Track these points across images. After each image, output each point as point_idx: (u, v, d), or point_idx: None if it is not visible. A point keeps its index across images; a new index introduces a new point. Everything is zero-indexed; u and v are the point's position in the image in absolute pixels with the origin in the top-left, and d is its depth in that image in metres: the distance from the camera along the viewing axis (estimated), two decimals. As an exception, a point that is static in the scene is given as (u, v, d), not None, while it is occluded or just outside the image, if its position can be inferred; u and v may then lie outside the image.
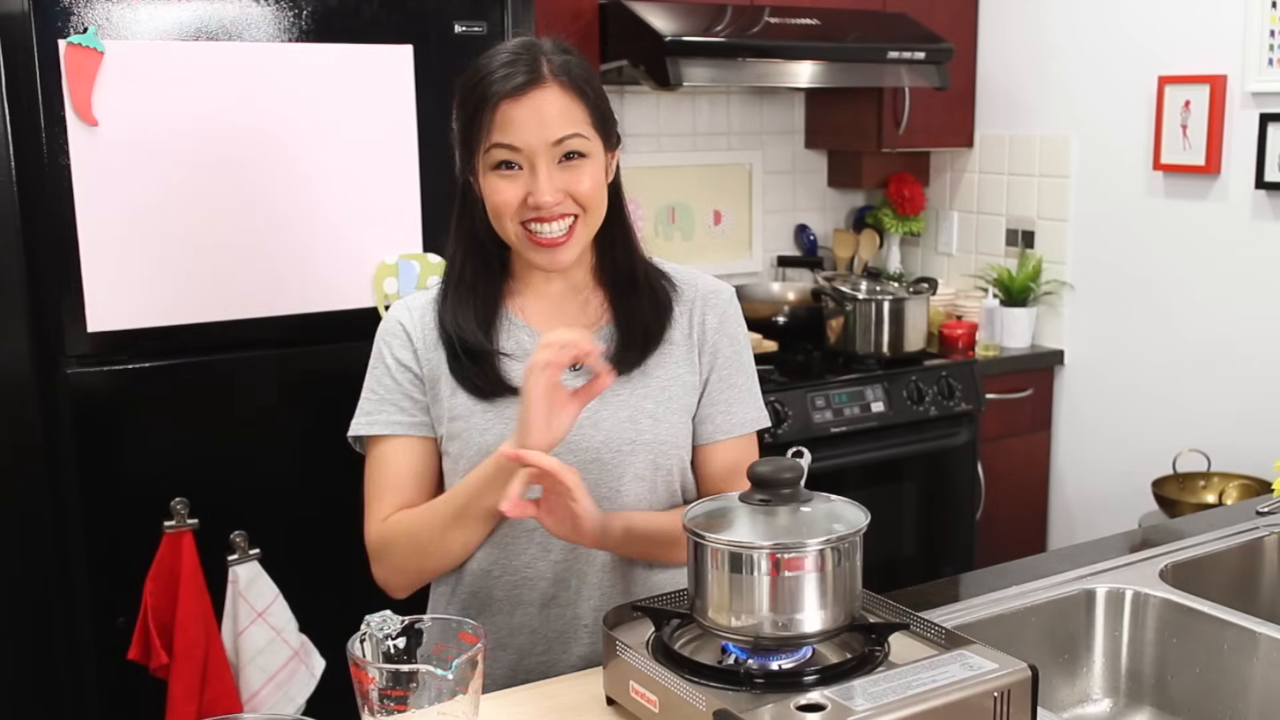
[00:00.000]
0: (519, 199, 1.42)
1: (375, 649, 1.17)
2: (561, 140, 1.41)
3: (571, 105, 1.42)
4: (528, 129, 1.40)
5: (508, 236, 1.46)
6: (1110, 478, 3.47)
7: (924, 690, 1.12)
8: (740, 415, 1.57)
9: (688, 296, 1.57)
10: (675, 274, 1.59)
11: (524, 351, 1.50)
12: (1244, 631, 1.49)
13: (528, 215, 1.43)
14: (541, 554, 1.51)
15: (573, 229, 1.45)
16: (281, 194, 2.28)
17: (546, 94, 1.41)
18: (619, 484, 1.50)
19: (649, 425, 1.50)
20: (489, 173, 1.43)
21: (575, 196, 1.43)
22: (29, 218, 2.17)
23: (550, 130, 1.41)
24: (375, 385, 1.53)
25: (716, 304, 1.58)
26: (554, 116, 1.41)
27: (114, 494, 2.21)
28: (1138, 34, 3.28)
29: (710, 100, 3.67)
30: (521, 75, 1.40)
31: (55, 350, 2.17)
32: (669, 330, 1.54)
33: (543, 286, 1.54)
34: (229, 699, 2.22)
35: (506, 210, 1.43)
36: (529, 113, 1.40)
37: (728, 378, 1.57)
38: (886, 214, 3.85)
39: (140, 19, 2.13)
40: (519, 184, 1.42)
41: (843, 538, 1.20)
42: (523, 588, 1.51)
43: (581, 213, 1.44)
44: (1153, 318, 3.33)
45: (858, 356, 3.32)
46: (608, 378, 1.39)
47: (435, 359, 1.51)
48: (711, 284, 1.60)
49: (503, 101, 1.40)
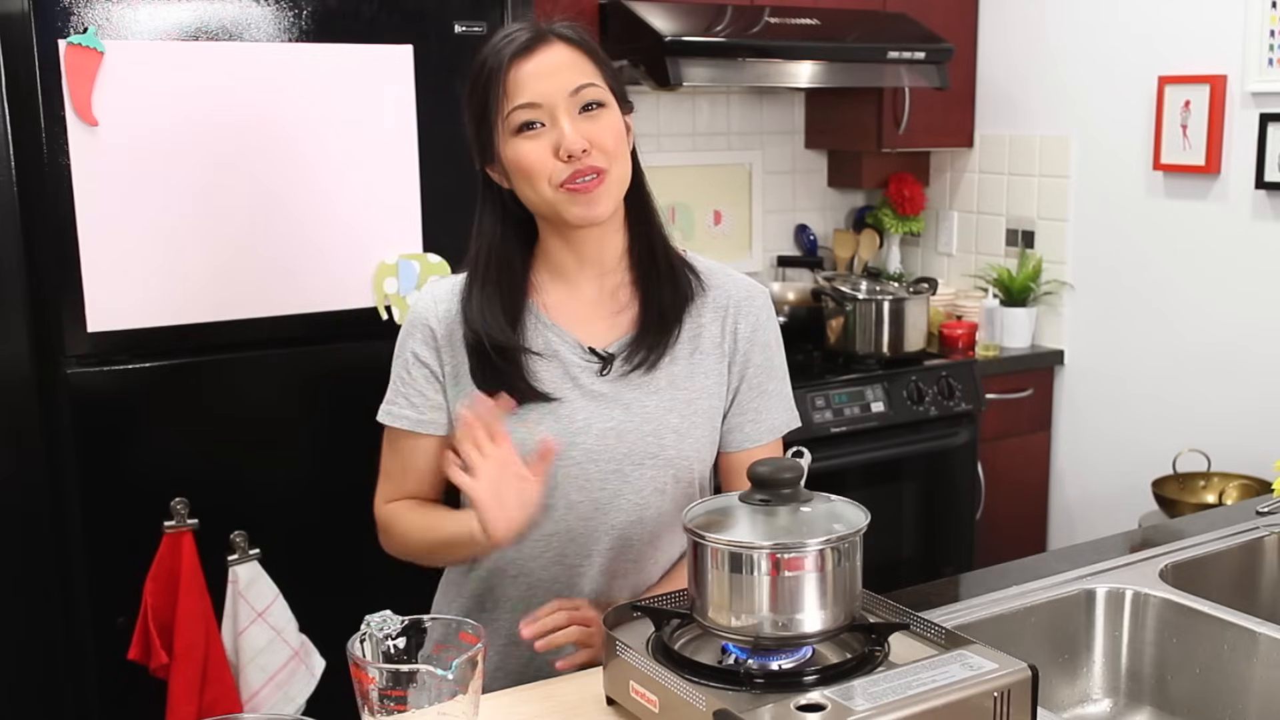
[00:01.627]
0: (549, 154, 1.39)
1: (375, 649, 1.17)
2: (578, 90, 1.40)
3: (580, 59, 1.42)
4: (542, 81, 1.39)
5: (544, 198, 1.42)
6: (1110, 478, 3.47)
7: (924, 690, 1.12)
8: (769, 422, 1.56)
9: (720, 302, 1.54)
10: (707, 273, 1.55)
11: (552, 351, 1.48)
12: (1244, 631, 1.49)
13: (562, 174, 1.40)
14: (557, 559, 1.51)
15: (601, 177, 1.41)
16: (281, 194, 2.28)
17: (554, 48, 1.41)
18: (639, 496, 1.49)
19: (673, 440, 1.48)
20: (512, 139, 1.41)
21: (600, 148, 1.40)
22: (29, 218, 2.17)
23: (564, 79, 1.40)
24: (395, 376, 1.54)
25: (750, 311, 1.54)
26: (565, 67, 1.40)
27: (114, 494, 2.21)
28: (1138, 34, 3.28)
29: (710, 100, 3.67)
30: (527, 34, 1.41)
31: (55, 350, 2.17)
32: (700, 339, 1.52)
33: (575, 278, 1.51)
34: (229, 699, 2.22)
35: (540, 169, 1.40)
36: (541, 67, 1.39)
37: (759, 385, 1.55)
38: (886, 214, 3.85)
39: (140, 19, 2.13)
40: (545, 141, 1.40)
41: (843, 538, 1.20)
42: (536, 589, 1.52)
43: (608, 166, 1.41)
44: (1153, 318, 3.33)
45: (858, 356, 3.32)
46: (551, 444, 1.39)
47: (459, 357, 1.49)
48: (745, 289, 1.56)
49: (513, 61, 1.39)
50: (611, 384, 1.48)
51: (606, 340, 1.50)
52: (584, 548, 1.50)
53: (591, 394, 1.47)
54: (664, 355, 1.49)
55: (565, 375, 1.48)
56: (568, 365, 1.48)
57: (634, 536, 1.51)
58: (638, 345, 1.48)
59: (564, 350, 1.48)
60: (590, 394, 1.47)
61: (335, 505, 2.37)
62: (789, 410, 1.59)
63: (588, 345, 1.49)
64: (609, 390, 1.48)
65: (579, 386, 1.48)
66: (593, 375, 1.48)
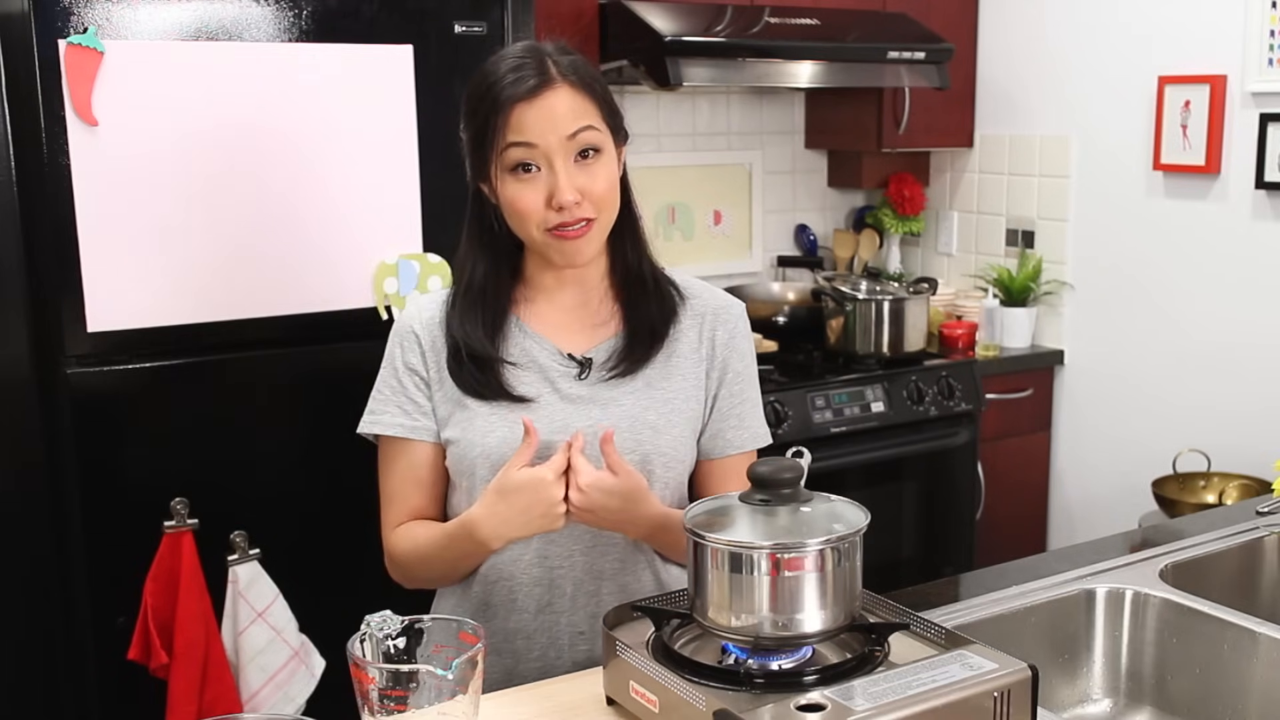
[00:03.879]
0: (542, 201, 1.43)
1: (375, 649, 1.17)
2: (576, 134, 1.42)
3: (582, 102, 1.44)
4: (542, 126, 1.41)
5: (531, 239, 1.47)
6: (1110, 478, 3.47)
7: (924, 690, 1.12)
8: (752, 429, 1.58)
9: (697, 310, 1.57)
10: (685, 285, 1.59)
11: (530, 359, 1.51)
12: (1244, 631, 1.49)
13: (552, 221, 1.43)
14: (538, 560, 1.51)
15: (589, 225, 1.45)
16: (282, 194, 2.28)
17: (558, 93, 1.42)
18: None
19: (650, 435, 1.50)
20: (506, 176, 1.44)
21: (591, 198, 1.44)
22: (29, 218, 2.17)
23: (564, 125, 1.42)
24: (382, 385, 1.55)
25: (727, 319, 1.58)
26: (566, 112, 1.42)
27: (114, 494, 2.21)
28: (1138, 34, 3.28)
29: (710, 100, 3.67)
30: (531, 78, 1.41)
31: (55, 350, 2.17)
32: (676, 342, 1.54)
33: (556, 292, 1.54)
34: (229, 699, 2.22)
35: (531, 214, 1.44)
36: (542, 112, 1.41)
37: (739, 393, 1.57)
38: (886, 214, 3.85)
39: (140, 19, 2.13)
40: (538, 186, 1.43)
41: (843, 538, 1.20)
42: (518, 593, 1.52)
43: (596, 215, 1.45)
44: (1153, 318, 3.33)
45: (858, 356, 3.32)
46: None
47: (442, 360, 1.52)
48: (722, 299, 1.60)
49: (516, 105, 1.41)
50: (589, 387, 1.51)
51: (585, 348, 1.53)
52: (565, 549, 1.51)
53: (569, 397, 1.50)
54: (645, 365, 1.52)
55: (543, 380, 1.51)
56: (545, 370, 1.51)
57: (615, 536, 1.51)
58: (621, 356, 1.51)
59: (542, 357, 1.52)
60: (568, 397, 1.50)
61: (335, 505, 2.37)
62: (763, 423, 1.62)
63: (566, 351, 1.52)
64: (586, 393, 1.51)
65: (556, 390, 1.51)
66: (570, 380, 1.51)
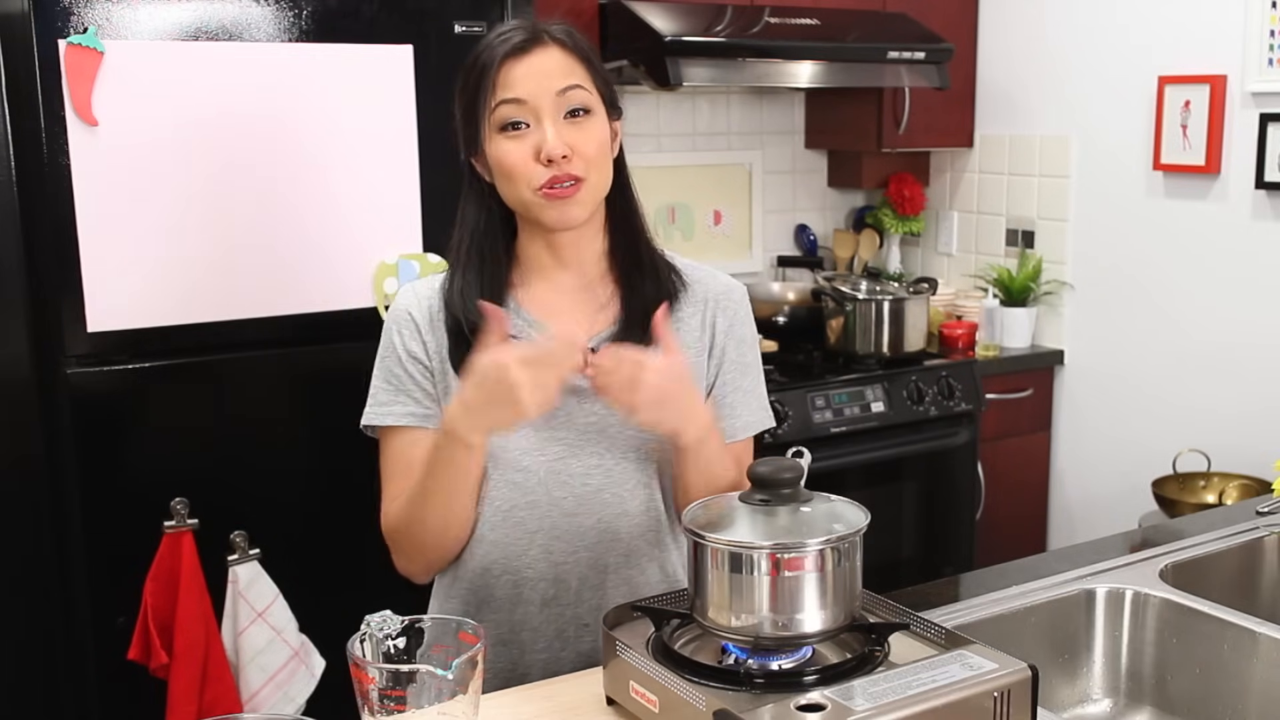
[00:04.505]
0: (530, 155, 1.41)
1: (375, 649, 1.17)
2: (565, 91, 1.42)
3: (573, 62, 1.43)
4: (531, 80, 1.41)
5: (521, 199, 1.44)
6: (1110, 478, 3.47)
7: (924, 690, 1.12)
8: (744, 419, 1.57)
9: (699, 296, 1.56)
10: (687, 270, 1.58)
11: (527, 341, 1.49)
12: (1244, 631, 1.49)
13: (542, 178, 1.41)
14: (543, 555, 1.51)
15: (579, 185, 1.43)
16: (282, 194, 2.28)
17: (548, 51, 1.42)
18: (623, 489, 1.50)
19: None
20: (496, 136, 1.43)
21: (582, 156, 1.42)
22: (29, 218, 2.17)
23: (553, 80, 1.41)
24: (387, 375, 1.52)
25: (728, 306, 1.57)
26: (556, 69, 1.42)
27: (114, 494, 2.21)
28: (1138, 34, 3.28)
29: (710, 100, 3.67)
30: (521, 35, 1.42)
31: (55, 350, 2.17)
32: (678, 328, 1.53)
33: (554, 273, 1.52)
34: (229, 699, 2.22)
35: (520, 171, 1.42)
36: (531, 68, 1.41)
37: (732, 381, 1.56)
38: (886, 214, 3.85)
39: (140, 19, 2.13)
40: (527, 142, 1.42)
41: (843, 538, 1.20)
42: (523, 587, 1.51)
43: (585, 175, 1.43)
44: (1153, 318, 3.33)
45: (858, 356, 3.32)
46: None
47: (442, 341, 1.50)
48: (724, 285, 1.59)
49: (505, 61, 1.41)
50: None
51: (586, 335, 1.50)
52: (570, 544, 1.50)
53: (571, 388, 1.47)
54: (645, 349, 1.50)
55: None
56: None
57: (621, 530, 1.51)
58: (620, 342, 1.48)
59: None
60: (570, 389, 1.46)
61: (335, 505, 2.37)
62: (763, 409, 1.60)
63: None
64: (587, 382, 1.47)
65: None
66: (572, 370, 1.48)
